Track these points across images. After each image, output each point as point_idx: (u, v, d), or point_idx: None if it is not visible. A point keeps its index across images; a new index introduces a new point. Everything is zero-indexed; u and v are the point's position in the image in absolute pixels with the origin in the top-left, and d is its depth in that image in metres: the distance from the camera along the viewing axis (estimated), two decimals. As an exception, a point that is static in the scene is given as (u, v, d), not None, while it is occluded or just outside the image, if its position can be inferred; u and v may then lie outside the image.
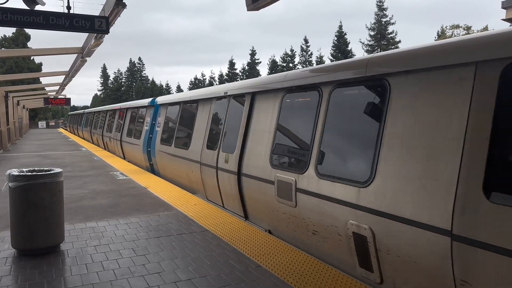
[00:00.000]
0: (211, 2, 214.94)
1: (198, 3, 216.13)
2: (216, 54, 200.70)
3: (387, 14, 68.81)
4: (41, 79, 52.95)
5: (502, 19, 14.80)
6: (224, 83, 70.64)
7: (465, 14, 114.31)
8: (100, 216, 7.32)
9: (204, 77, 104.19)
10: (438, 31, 62.35)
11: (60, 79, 32.81)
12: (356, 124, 5.16)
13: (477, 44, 3.81)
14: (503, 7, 14.39)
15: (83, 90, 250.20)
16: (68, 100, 45.47)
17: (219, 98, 9.29)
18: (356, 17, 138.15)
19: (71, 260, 5.11)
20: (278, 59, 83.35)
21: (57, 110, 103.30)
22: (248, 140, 7.55)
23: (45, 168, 5.52)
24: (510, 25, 14.73)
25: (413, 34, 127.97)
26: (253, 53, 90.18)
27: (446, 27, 59.71)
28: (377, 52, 6.03)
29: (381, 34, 68.91)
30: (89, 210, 7.72)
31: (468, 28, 54.93)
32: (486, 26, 53.51)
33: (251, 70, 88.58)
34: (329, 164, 5.41)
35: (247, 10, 6.33)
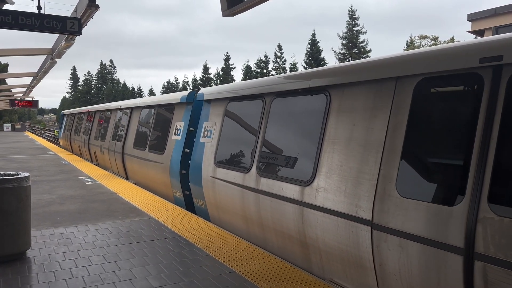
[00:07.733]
0: (176, 5, 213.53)
1: (162, 4, 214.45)
2: (186, 57, 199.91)
3: (358, 23, 70.13)
4: (7, 80, 51.26)
5: (468, 31, 15.37)
6: (198, 87, 70.01)
7: (430, 24, 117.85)
8: (69, 222, 7.12)
9: (177, 81, 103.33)
10: (407, 41, 64.08)
11: (27, 80, 31.86)
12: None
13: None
14: (468, 20, 14.94)
15: (50, 92, 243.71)
16: (35, 102, 44.30)
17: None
18: (323, 24, 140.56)
19: (38, 267, 4.95)
20: (252, 65, 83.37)
21: (23, 112, 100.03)
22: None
23: (11, 173, 5.33)
24: (475, 37, 15.35)
25: (379, 43, 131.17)
26: (227, 58, 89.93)
27: (414, 37, 61.50)
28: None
29: (352, 43, 70.15)
30: (57, 216, 7.51)
31: (435, 39, 56.75)
32: (453, 38, 55.44)
33: (225, 75, 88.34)
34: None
35: (223, 16, 6.33)
